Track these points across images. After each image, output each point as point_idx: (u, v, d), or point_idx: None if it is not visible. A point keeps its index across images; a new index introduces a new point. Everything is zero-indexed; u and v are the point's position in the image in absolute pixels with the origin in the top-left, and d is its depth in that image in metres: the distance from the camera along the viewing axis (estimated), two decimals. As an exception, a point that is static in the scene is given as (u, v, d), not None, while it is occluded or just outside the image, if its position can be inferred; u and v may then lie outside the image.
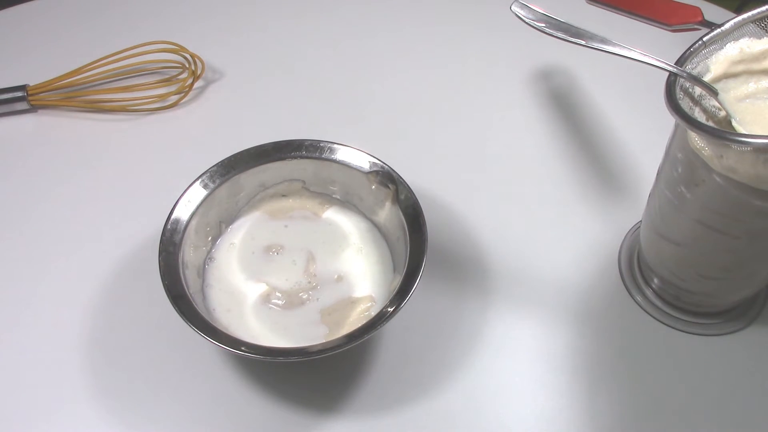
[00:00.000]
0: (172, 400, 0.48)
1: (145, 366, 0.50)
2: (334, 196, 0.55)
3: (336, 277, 0.51)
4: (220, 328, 0.45)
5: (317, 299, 0.50)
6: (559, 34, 0.47)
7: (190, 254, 0.49)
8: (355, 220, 0.54)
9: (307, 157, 0.53)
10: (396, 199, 0.51)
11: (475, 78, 0.70)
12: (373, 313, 0.48)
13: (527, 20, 0.49)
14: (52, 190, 0.60)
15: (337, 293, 0.50)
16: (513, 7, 0.49)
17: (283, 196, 0.55)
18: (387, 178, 0.51)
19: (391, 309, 0.44)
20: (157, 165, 0.62)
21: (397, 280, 0.47)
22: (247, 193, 0.53)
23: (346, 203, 0.55)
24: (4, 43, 0.74)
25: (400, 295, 0.45)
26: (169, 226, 0.48)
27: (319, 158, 0.53)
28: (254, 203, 0.54)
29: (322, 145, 0.53)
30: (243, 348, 0.43)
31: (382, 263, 0.52)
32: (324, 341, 0.44)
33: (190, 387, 0.49)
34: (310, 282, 0.51)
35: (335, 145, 0.53)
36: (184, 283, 0.46)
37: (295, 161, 0.53)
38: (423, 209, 0.49)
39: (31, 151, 0.64)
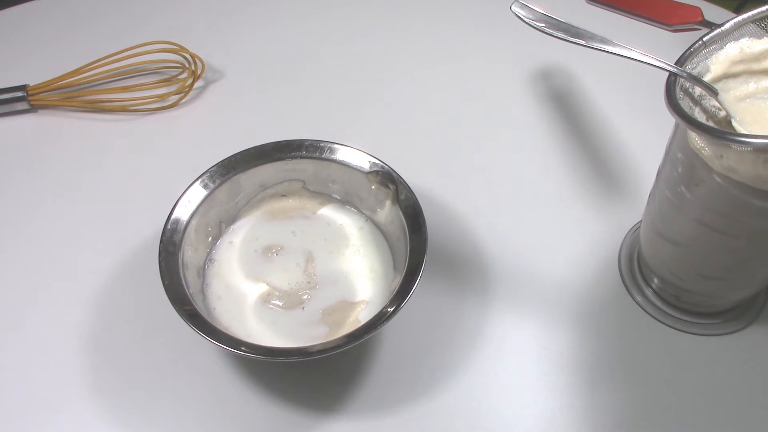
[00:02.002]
0: (172, 400, 0.48)
1: (145, 366, 0.50)
2: (334, 195, 0.55)
3: (336, 277, 0.51)
4: (220, 328, 0.45)
5: (317, 299, 0.50)
6: (559, 34, 0.47)
7: (190, 254, 0.49)
8: (355, 220, 0.54)
9: (307, 157, 0.53)
10: (396, 199, 0.51)
11: (475, 78, 0.70)
12: (367, 314, 0.48)
13: (527, 20, 0.49)
14: (52, 191, 0.60)
15: (337, 293, 0.50)
16: (513, 7, 0.49)
17: (283, 196, 0.55)
18: (387, 178, 0.51)
19: (391, 309, 0.44)
20: (157, 165, 0.62)
21: (397, 280, 0.47)
22: (247, 194, 0.53)
23: (346, 203, 0.55)
24: (4, 43, 0.74)
25: (400, 295, 0.45)
26: (169, 227, 0.48)
27: (319, 158, 0.53)
28: (254, 203, 0.54)
29: (322, 145, 0.53)
30: (243, 348, 0.43)
31: (382, 263, 0.52)
32: (324, 341, 0.44)
33: (190, 387, 0.49)
34: (309, 282, 0.51)
35: (335, 145, 0.53)
36: (184, 283, 0.46)
37: (295, 161, 0.53)
38: (423, 209, 0.49)
39: (31, 151, 0.64)
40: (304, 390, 0.49)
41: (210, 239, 0.52)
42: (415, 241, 0.48)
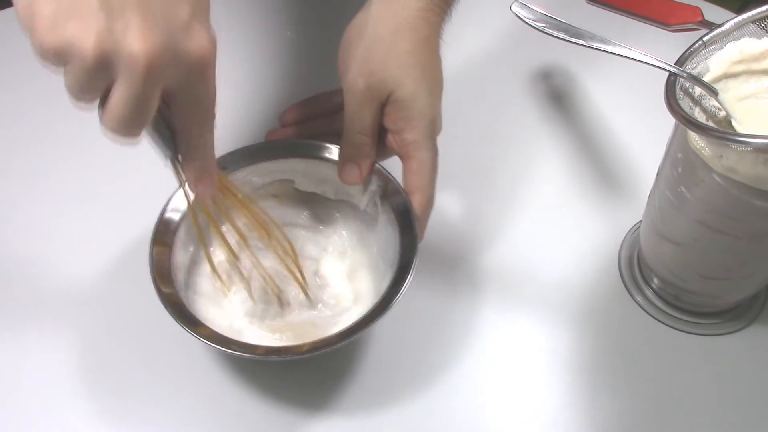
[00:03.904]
0: (161, 397, 0.48)
1: (136, 365, 0.50)
2: (325, 195, 0.54)
3: (327, 275, 0.51)
4: (209, 325, 0.44)
5: (308, 299, 0.50)
6: (559, 34, 0.47)
7: (180, 253, 0.49)
8: (345, 219, 0.54)
9: (297, 157, 0.52)
10: (387, 198, 0.50)
11: (475, 78, 0.70)
12: (358, 313, 0.48)
13: (527, 20, 0.49)
14: (46, 190, 0.60)
15: (328, 293, 0.50)
16: (513, 7, 0.50)
17: (274, 196, 0.54)
18: (378, 176, 0.51)
19: (382, 307, 0.44)
20: (150, 163, 0.62)
21: (388, 279, 0.47)
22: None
23: (337, 202, 0.54)
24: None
25: (390, 294, 0.45)
26: (160, 225, 0.48)
27: (311, 157, 0.52)
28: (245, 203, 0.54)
29: (312, 144, 0.52)
30: (233, 346, 0.43)
31: (374, 262, 0.51)
32: (314, 340, 0.44)
33: (180, 385, 0.49)
34: (300, 281, 0.50)
35: (327, 145, 0.52)
36: (174, 281, 0.46)
37: (286, 161, 0.52)
38: None
39: (28, 149, 0.63)
40: (296, 388, 0.49)
41: (200, 238, 0.52)
42: (405, 240, 0.48)
